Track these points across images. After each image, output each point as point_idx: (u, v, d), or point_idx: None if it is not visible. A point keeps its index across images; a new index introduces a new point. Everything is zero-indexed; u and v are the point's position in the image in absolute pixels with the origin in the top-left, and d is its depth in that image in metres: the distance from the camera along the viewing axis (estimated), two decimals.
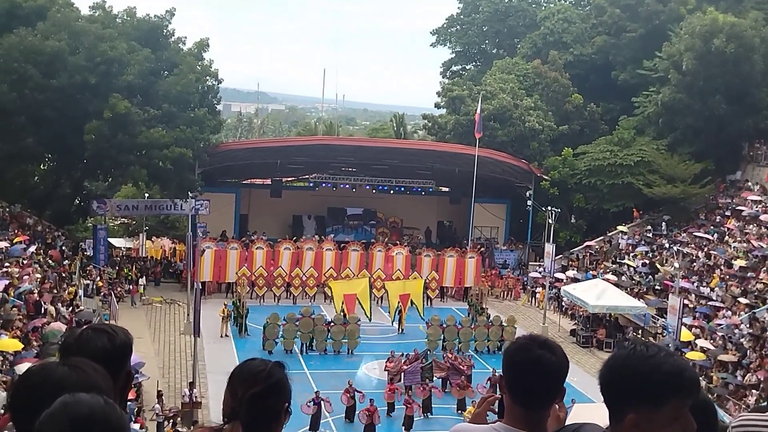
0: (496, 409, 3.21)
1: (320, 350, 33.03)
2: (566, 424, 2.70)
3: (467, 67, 66.28)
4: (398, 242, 47.67)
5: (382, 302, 38.70)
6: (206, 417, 24.43)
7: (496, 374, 27.26)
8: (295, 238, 45.04)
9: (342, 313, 34.40)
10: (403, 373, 28.37)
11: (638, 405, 2.33)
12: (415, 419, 25.64)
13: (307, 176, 54.05)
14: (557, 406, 2.98)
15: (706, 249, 40.41)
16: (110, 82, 39.86)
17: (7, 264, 29.84)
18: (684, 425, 2.34)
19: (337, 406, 25.77)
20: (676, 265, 39.32)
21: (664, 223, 45.33)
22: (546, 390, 2.88)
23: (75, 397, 2.08)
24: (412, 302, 36.20)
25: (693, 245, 41.65)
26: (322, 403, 24.56)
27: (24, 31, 38.71)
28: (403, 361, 28.95)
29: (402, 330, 36.27)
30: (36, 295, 28.36)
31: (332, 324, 33.59)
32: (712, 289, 36.42)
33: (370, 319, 35.36)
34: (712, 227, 42.74)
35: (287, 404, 2.86)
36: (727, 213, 43.23)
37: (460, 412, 26.13)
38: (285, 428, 2.87)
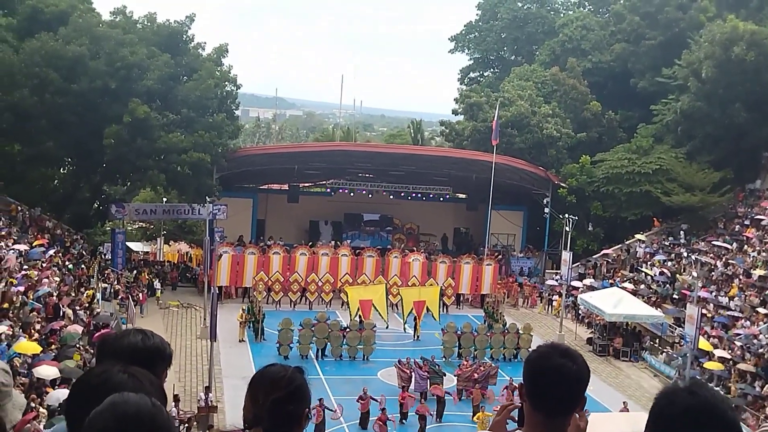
0: (516, 417, 3.21)
1: (335, 356, 33.05)
2: None
3: (485, 74, 66.32)
4: (415, 249, 47.64)
5: (397, 308, 38.70)
6: (222, 421, 24.48)
7: (513, 382, 27.19)
8: (311, 244, 45.13)
9: (358, 319, 34.43)
10: (414, 380, 28.33)
11: None
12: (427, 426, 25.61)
13: (324, 182, 54.17)
14: (578, 416, 2.97)
15: (724, 258, 40.11)
16: (130, 87, 40.19)
17: (26, 267, 30.07)
18: None
19: (353, 412, 25.77)
20: (695, 274, 39.01)
21: (682, 232, 45.04)
22: (566, 398, 2.88)
23: (123, 396, 2.12)
24: (427, 309, 36.17)
25: (711, 254, 41.36)
26: (325, 411, 24.41)
27: (46, 36, 39.11)
28: (412, 366, 28.90)
29: (418, 337, 36.23)
30: (55, 298, 28.56)
31: (348, 330, 33.62)
32: (730, 299, 36.15)
33: (387, 326, 35.34)
34: (730, 236, 42.44)
35: (307, 409, 2.89)
36: (746, 222, 42.90)
37: (474, 419, 26.03)
38: None
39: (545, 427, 2.88)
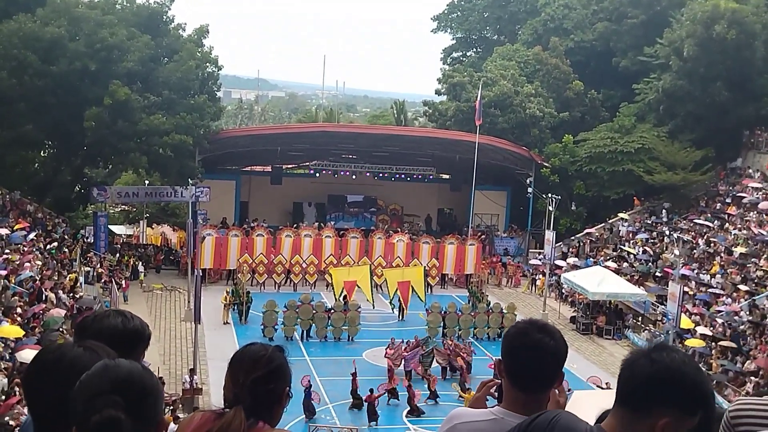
0: (496, 394, 3.22)
1: (320, 337, 33.10)
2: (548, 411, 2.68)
3: (468, 54, 66.17)
4: (399, 229, 47.68)
5: (381, 289, 38.76)
6: (207, 403, 24.48)
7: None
8: (296, 225, 45.05)
9: (342, 300, 34.47)
10: (403, 360, 28.50)
11: (678, 411, 2.38)
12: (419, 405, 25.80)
13: (307, 163, 53.99)
14: (557, 391, 2.98)
15: (706, 236, 40.41)
16: (110, 69, 39.78)
17: (7, 251, 29.85)
18: None
19: (341, 391, 25.90)
20: (677, 252, 39.34)
21: (664, 210, 45.34)
22: (544, 374, 2.89)
23: (115, 361, 2.19)
24: (412, 289, 36.25)
25: (693, 232, 41.67)
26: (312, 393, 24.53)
27: (23, 17, 38.59)
28: (403, 348, 29.05)
29: (403, 317, 36.33)
30: (37, 282, 28.40)
31: (332, 311, 33.66)
32: (712, 276, 36.46)
33: (373, 306, 35.38)
34: (712, 214, 42.75)
35: (288, 388, 2.89)
36: (728, 200, 43.19)
37: (460, 397, 26.19)
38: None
39: (524, 402, 2.89)
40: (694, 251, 39.66)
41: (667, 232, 43.16)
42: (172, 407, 23.70)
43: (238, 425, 2.74)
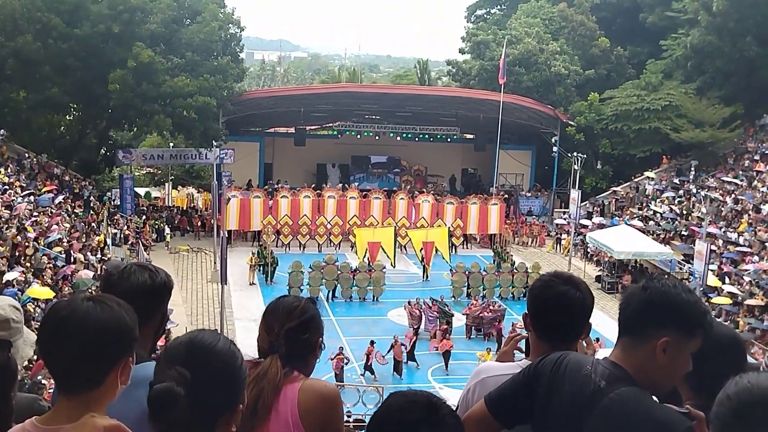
0: (523, 348, 3.23)
1: (345, 297, 33.32)
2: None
3: (492, 11, 65.24)
4: (423, 190, 47.58)
5: (406, 250, 38.83)
6: None
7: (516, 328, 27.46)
8: (314, 186, 45.05)
9: (366, 261, 34.60)
10: (424, 320, 28.65)
11: (675, 331, 2.46)
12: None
13: (330, 124, 53.89)
14: (584, 343, 2.98)
15: (734, 194, 39.96)
16: (133, 31, 39.78)
17: (35, 214, 30.22)
18: (689, 362, 2.51)
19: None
20: (704, 210, 38.96)
21: (692, 168, 44.81)
22: (570, 325, 2.89)
23: (205, 332, 2.31)
24: (436, 250, 36.30)
25: (721, 190, 41.21)
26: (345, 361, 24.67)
27: None
28: (423, 307, 29.18)
29: (427, 277, 36.43)
30: (66, 243, 28.78)
31: (357, 271, 33.82)
32: (740, 234, 36.11)
33: (393, 266, 35.51)
34: (740, 172, 42.22)
35: (320, 339, 2.94)
36: (756, 157, 42.59)
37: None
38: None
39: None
40: (722, 209, 39.25)
41: (695, 190, 42.72)
42: None
43: (275, 373, 2.80)
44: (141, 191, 48.07)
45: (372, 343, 25.50)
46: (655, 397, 2.44)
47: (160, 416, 2.04)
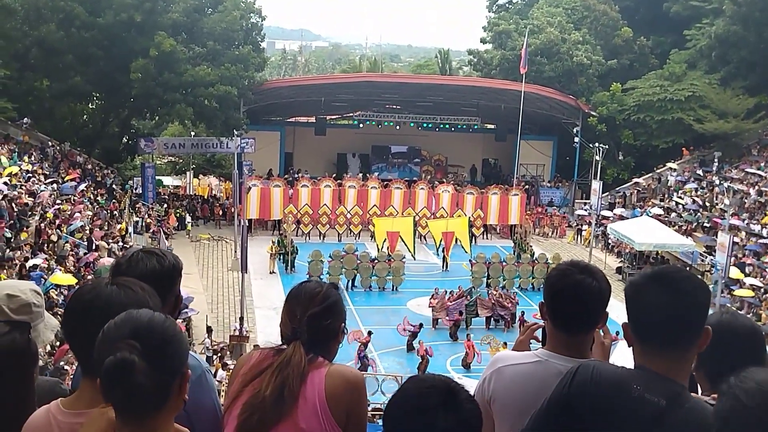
0: (540, 337, 3.23)
1: (365, 287, 33.37)
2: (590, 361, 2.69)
3: (514, 1, 64.82)
4: (443, 180, 47.48)
5: (425, 240, 38.80)
6: None
7: (524, 317, 27.41)
8: (335, 176, 45.10)
9: (386, 251, 34.62)
10: (446, 310, 28.64)
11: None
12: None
13: (351, 114, 53.84)
14: (601, 333, 2.97)
15: (758, 186, 39.56)
16: (155, 20, 39.94)
17: (59, 201, 30.49)
18: None
19: (385, 339, 26.12)
20: (727, 202, 38.61)
21: (715, 160, 44.38)
22: (587, 314, 2.87)
23: (138, 310, 2.18)
24: (457, 240, 36.25)
25: (745, 182, 40.80)
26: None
27: None
28: (446, 298, 29.17)
29: (446, 267, 36.40)
30: (88, 231, 29.03)
31: (376, 261, 33.85)
32: (763, 226, 35.77)
33: (414, 257, 35.48)
34: (764, 163, 41.76)
35: (343, 324, 2.94)
36: None
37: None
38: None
39: (567, 344, 2.88)
40: (745, 201, 38.88)
41: (717, 182, 42.34)
42: (219, 354, 24.25)
43: (299, 360, 2.79)
44: (166, 180, 48.45)
45: (369, 333, 25.32)
46: None
47: (118, 385, 2.03)
